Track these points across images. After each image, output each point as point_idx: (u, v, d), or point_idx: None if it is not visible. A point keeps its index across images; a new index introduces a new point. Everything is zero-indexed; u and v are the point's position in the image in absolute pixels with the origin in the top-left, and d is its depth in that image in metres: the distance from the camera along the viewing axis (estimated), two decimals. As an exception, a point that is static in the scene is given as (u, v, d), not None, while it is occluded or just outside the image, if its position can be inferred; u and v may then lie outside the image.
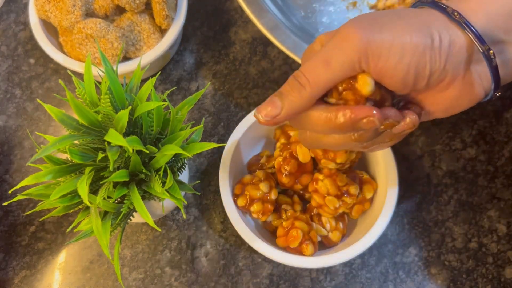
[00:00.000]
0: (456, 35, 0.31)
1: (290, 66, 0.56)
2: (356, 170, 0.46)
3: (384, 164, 0.44)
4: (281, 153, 0.45)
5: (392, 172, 0.44)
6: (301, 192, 0.46)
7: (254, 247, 0.42)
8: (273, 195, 0.44)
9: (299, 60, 0.49)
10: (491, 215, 0.49)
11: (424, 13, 0.32)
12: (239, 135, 0.47)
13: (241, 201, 0.44)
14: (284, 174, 0.44)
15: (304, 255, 0.42)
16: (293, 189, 0.45)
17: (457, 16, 0.31)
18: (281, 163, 0.44)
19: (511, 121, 0.52)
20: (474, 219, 0.49)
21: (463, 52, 0.31)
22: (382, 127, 0.32)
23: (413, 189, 0.50)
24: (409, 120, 0.33)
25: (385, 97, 0.33)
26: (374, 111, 0.31)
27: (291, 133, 0.47)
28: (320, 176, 0.43)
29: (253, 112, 0.47)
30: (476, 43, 0.30)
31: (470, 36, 0.30)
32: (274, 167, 0.45)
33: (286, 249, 0.43)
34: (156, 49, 0.52)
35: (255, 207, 0.43)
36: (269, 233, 0.47)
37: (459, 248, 0.48)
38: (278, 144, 0.47)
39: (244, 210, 0.44)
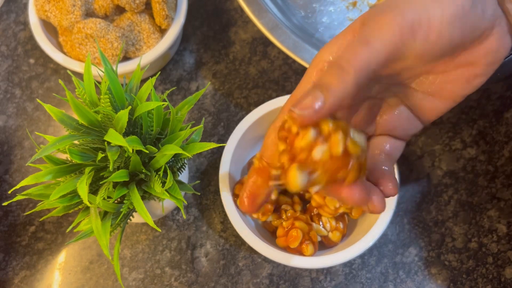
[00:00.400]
0: None
1: (290, 66, 0.56)
2: None
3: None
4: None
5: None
6: (301, 192, 0.46)
7: (254, 247, 0.42)
8: (273, 195, 0.44)
9: (299, 60, 0.49)
10: (491, 215, 0.49)
11: None
12: (239, 134, 0.46)
13: None
14: None
15: (304, 255, 0.42)
16: None
17: None
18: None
19: (511, 121, 0.52)
20: (474, 219, 0.49)
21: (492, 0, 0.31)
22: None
23: (413, 189, 0.50)
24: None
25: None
26: None
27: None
28: None
29: (253, 111, 0.47)
30: None
31: None
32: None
33: (286, 249, 0.43)
34: (156, 49, 0.52)
35: None
36: (269, 233, 0.46)
37: (459, 248, 0.48)
38: None
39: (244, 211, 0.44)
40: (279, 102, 0.47)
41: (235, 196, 0.45)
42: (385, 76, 0.32)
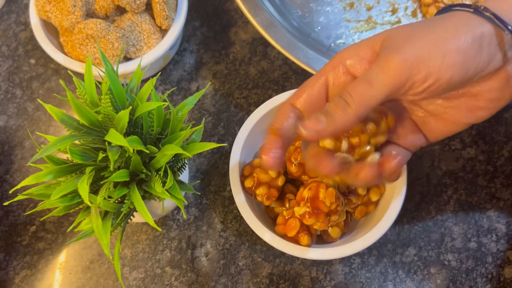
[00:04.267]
0: (490, 30, 0.32)
1: (290, 66, 0.56)
2: None
3: None
4: (294, 142, 0.45)
5: (402, 180, 0.44)
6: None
7: (254, 230, 0.43)
8: (280, 182, 0.44)
9: (293, 59, 0.49)
10: (491, 215, 0.49)
11: (456, 16, 0.33)
12: (259, 115, 0.47)
13: (248, 182, 0.44)
14: (293, 164, 0.44)
15: (300, 244, 0.42)
16: (300, 179, 0.45)
17: (487, 14, 0.32)
18: (292, 152, 0.44)
19: (510, 121, 0.52)
20: (474, 219, 0.49)
21: (499, 44, 0.32)
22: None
23: (413, 189, 0.50)
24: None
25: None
26: None
27: None
28: None
29: (280, 95, 0.47)
30: (508, 34, 0.32)
31: (502, 27, 0.32)
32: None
33: (283, 237, 0.43)
34: (156, 49, 0.52)
35: (261, 190, 0.44)
36: (270, 219, 0.47)
37: (458, 247, 0.48)
38: None
39: (250, 192, 0.45)
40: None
41: (243, 177, 0.45)
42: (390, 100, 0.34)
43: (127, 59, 0.54)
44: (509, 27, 0.32)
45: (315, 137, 0.33)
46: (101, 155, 0.37)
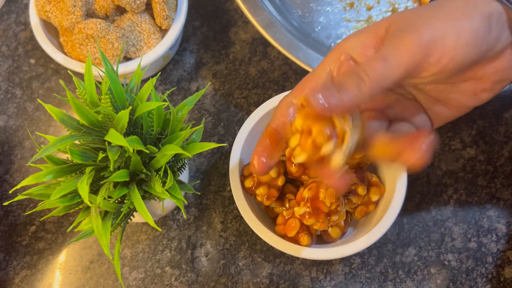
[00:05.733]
0: (497, 8, 0.32)
1: (290, 66, 0.56)
2: (367, 172, 0.46)
3: (394, 171, 0.44)
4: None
5: (402, 180, 0.44)
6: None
7: (252, 228, 0.42)
8: (280, 182, 0.44)
9: (293, 58, 0.49)
10: (491, 215, 0.49)
11: None
12: (259, 115, 0.46)
13: (248, 182, 0.44)
14: (293, 164, 0.44)
15: (300, 244, 0.42)
16: (300, 179, 0.45)
17: None
18: (292, 152, 0.44)
19: (510, 121, 0.52)
20: (474, 219, 0.49)
21: (506, 23, 0.32)
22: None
23: (413, 189, 0.50)
24: None
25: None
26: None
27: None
28: None
29: (280, 95, 0.47)
30: None
31: (509, 5, 0.32)
32: (284, 155, 0.46)
33: (283, 237, 0.43)
34: (156, 49, 0.52)
35: (261, 190, 0.44)
36: (270, 219, 0.47)
37: (458, 247, 0.48)
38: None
39: (250, 192, 0.45)
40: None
41: (243, 177, 0.45)
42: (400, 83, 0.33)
43: (127, 59, 0.54)
44: None
45: (324, 110, 0.30)
46: (101, 155, 0.37)
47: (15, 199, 0.39)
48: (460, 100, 0.36)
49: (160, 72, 0.56)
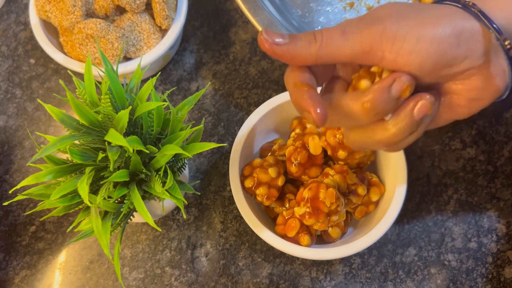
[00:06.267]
0: (474, 26, 0.32)
1: (290, 66, 0.56)
2: (367, 172, 0.46)
3: (394, 171, 0.44)
4: (293, 142, 0.45)
5: (402, 180, 0.44)
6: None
7: (252, 227, 0.43)
8: (280, 182, 0.44)
9: None
10: (491, 215, 0.49)
11: (445, 7, 0.33)
12: (259, 115, 0.47)
13: (248, 182, 0.44)
14: (294, 164, 0.44)
15: (300, 245, 0.42)
16: (300, 179, 0.45)
17: (474, 10, 0.32)
18: (292, 152, 0.44)
19: (510, 121, 0.52)
20: (474, 219, 0.49)
21: (481, 42, 0.32)
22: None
23: (413, 189, 0.50)
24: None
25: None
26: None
27: (308, 125, 0.47)
28: (331, 171, 0.43)
29: (280, 95, 0.47)
30: (492, 33, 0.31)
31: (487, 25, 0.31)
32: (285, 155, 0.46)
33: (283, 237, 0.43)
34: (156, 49, 0.52)
35: (261, 190, 0.44)
36: (270, 219, 0.47)
37: (458, 248, 0.48)
38: (292, 134, 0.47)
39: (249, 192, 0.45)
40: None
41: (243, 177, 0.45)
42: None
43: (127, 59, 0.54)
44: (494, 26, 0.31)
45: (268, 49, 0.32)
46: (101, 155, 0.37)
47: (15, 199, 0.39)
48: (438, 112, 0.35)
49: (160, 72, 0.56)
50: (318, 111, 0.31)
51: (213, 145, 0.39)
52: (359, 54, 0.32)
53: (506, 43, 0.32)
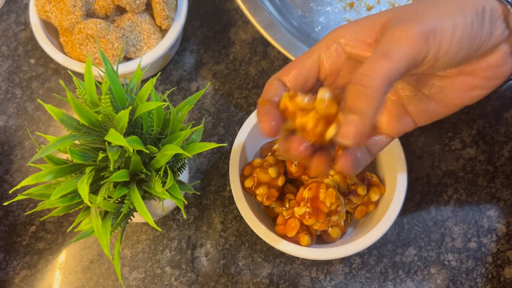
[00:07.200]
0: (493, 5, 0.32)
1: (290, 66, 0.56)
2: (367, 172, 0.46)
3: (394, 171, 0.44)
4: None
5: (402, 180, 0.44)
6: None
7: (252, 227, 0.43)
8: (280, 182, 0.44)
9: (293, 59, 0.49)
10: (491, 215, 0.49)
11: None
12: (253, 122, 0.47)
13: (248, 182, 0.44)
14: (293, 164, 0.44)
15: (300, 244, 0.42)
16: (300, 179, 0.45)
17: None
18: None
19: (510, 121, 0.52)
20: (474, 219, 0.49)
21: (498, 19, 0.32)
22: None
23: (413, 189, 0.50)
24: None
25: None
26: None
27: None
28: (331, 171, 0.43)
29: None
30: (510, 9, 0.32)
31: (504, 1, 0.32)
32: None
33: (283, 237, 0.43)
34: (156, 49, 0.52)
35: (261, 190, 0.44)
36: (270, 219, 0.47)
37: (458, 248, 0.48)
38: None
39: (250, 192, 0.45)
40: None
41: (243, 177, 0.45)
42: None
43: (127, 59, 0.54)
44: (509, 1, 0.32)
45: (360, 141, 0.29)
46: (101, 155, 0.37)
47: (15, 199, 0.39)
48: (451, 96, 0.35)
49: (160, 72, 0.56)
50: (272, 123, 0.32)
51: (213, 145, 0.39)
52: (411, 66, 0.30)
53: None
